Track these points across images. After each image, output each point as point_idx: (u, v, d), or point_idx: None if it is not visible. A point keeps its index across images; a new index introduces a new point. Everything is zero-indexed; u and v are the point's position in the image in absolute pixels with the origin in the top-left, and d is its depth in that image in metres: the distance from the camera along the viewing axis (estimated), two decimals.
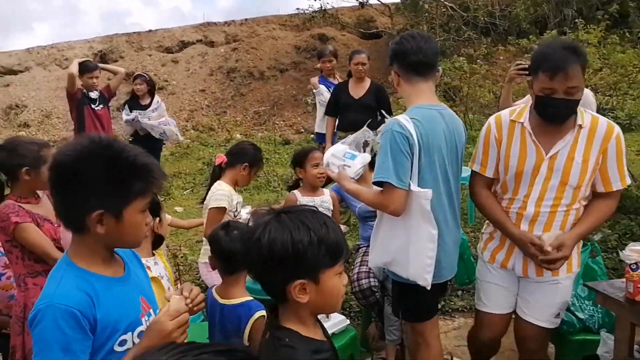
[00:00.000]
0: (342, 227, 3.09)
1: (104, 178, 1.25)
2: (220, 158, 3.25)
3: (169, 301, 1.31)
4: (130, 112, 5.66)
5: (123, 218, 1.29)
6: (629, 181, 2.27)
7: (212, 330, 2.12)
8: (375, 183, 2.22)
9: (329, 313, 1.42)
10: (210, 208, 3.02)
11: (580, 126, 2.20)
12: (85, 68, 5.36)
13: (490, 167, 2.38)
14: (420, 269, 2.20)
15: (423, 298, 2.33)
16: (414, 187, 2.16)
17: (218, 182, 3.13)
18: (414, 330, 2.48)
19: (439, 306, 2.90)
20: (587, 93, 3.01)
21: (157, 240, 2.28)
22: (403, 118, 2.20)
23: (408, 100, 2.35)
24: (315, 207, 3.25)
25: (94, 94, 5.41)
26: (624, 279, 2.26)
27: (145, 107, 5.72)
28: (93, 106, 5.38)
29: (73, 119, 5.48)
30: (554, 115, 2.18)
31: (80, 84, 5.32)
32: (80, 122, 5.36)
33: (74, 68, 5.30)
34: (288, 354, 1.23)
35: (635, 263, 2.18)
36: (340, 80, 5.74)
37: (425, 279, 2.21)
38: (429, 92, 2.33)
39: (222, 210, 2.99)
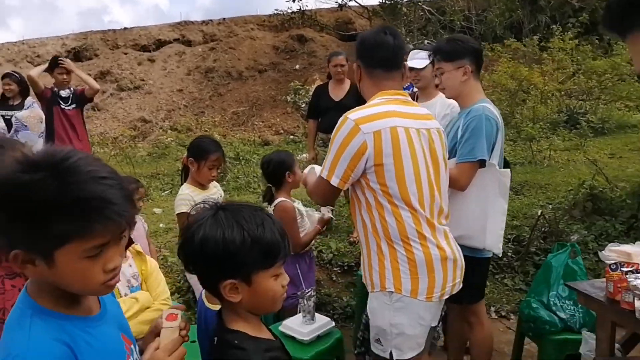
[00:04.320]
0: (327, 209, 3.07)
1: (7, 216, 0.95)
2: (185, 158, 3.19)
3: (158, 335, 1.20)
4: None
5: (55, 262, 0.99)
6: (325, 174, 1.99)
7: (199, 334, 2.08)
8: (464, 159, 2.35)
9: (265, 314, 1.37)
10: (176, 214, 3.01)
11: None
12: (56, 63, 5.07)
13: None
14: (496, 239, 2.45)
15: (485, 273, 2.59)
16: (497, 167, 2.40)
17: (183, 185, 3.09)
18: (470, 312, 2.62)
19: None
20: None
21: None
22: (488, 104, 2.43)
23: (472, 95, 2.48)
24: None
25: (65, 92, 5.06)
26: (604, 279, 2.31)
27: (15, 108, 5.31)
28: (63, 105, 5.04)
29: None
30: None
31: (51, 83, 5.14)
32: (49, 123, 5.07)
33: (34, 71, 5.02)
34: (240, 356, 1.21)
35: (615, 263, 2.24)
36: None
37: (499, 248, 2.49)
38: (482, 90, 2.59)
39: (185, 214, 2.95)
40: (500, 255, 2.59)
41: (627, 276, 2.16)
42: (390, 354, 1.98)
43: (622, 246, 2.46)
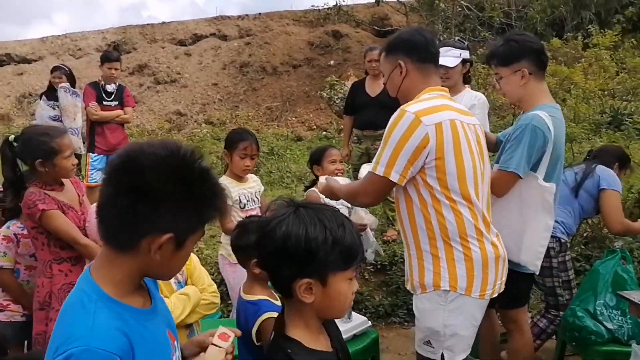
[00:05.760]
0: (371, 218, 3.07)
1: (186, 197, 1.05)
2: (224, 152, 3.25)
3: (203, 350, 1.22)
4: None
5: (184, 247, 1.08)
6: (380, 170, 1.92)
7: (237, 324, 2.09)
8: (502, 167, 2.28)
9: (332, 318, 1.36)
10: None
11: None
12: (105, 57, 5.16)
13: None
14: (533, 256, 2.32)
15: (525, 288, 2.51)
16: (541, 181, 2.25)
17: (221, 177, 3.13)
18: (509, 318, 2.57)
19: None
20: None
21: None
22: (542, 112, 2.26)
23: (533, 100, 2.35)
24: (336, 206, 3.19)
25: (110, 87, 5.10)
26: None
27: None
28: (106, 102, 5.07)
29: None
30: None
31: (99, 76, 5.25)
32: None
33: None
34: None
35: None
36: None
37: (536, 265, 2.35)
38: (548, 92, 2.42)
39: None
40: (538, 273, 2.45)
41: None
42: (442, 356, 1.94)
43: None
